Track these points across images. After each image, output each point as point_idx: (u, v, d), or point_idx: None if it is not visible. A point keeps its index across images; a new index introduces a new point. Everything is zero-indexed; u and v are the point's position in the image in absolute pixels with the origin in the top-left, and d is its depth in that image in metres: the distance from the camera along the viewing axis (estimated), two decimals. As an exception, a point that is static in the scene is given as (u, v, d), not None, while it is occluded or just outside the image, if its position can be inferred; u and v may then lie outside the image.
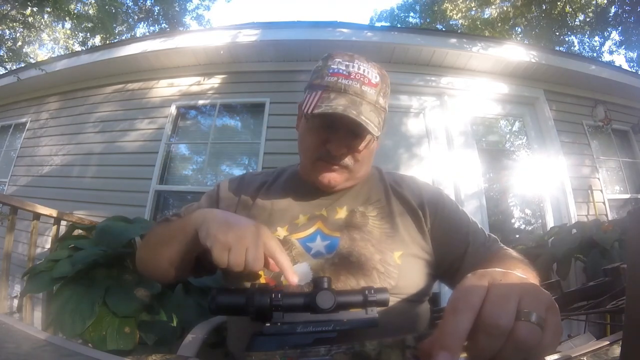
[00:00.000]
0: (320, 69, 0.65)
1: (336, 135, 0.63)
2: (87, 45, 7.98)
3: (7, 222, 2.02)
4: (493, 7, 8.64)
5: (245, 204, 0.70)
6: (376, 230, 0.64)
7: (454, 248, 0.64)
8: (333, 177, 0.65)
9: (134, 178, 3.07)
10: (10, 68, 5.55)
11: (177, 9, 8.92)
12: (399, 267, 0.60)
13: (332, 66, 0.62)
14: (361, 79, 0.61)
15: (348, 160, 0.65)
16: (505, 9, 8.39)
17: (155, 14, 9.02)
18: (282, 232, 0.64)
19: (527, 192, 3.33)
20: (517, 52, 3.11)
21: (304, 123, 0.68)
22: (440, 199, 0.70)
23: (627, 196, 3.41)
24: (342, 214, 0.66)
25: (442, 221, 0.67)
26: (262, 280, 0.61)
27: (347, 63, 0.62)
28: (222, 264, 0.47)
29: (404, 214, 0.67)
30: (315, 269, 0.59)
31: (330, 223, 0.65)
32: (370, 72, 0.63)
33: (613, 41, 8.26)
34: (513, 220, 3.54)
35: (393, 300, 0.55)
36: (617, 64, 9.11)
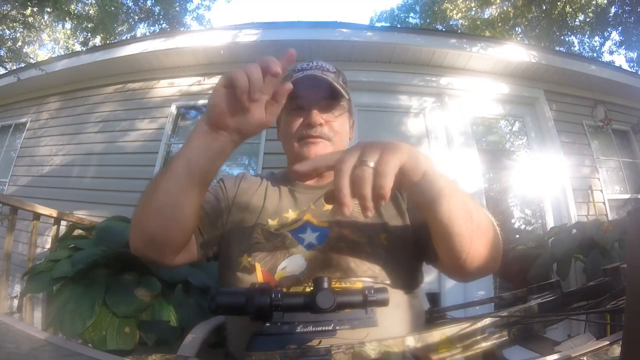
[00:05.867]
0: (287, 75, 0.76)
1: (310, 109, 0.71)
2: (88, 46, 7.98)
3: (7, 222, 2.02)
4: (493, 7, 8.64)
5: (241, 199, 0.74)
6: (362, 216, 0.66)
7: (426, 226, 0.66)
8: (317, 150, 0.71)
9: (134, 178, 3.07)
10: (10, 68, 5.55)
11: (177, 9, 8.91)
12: (385, 248, 0.63)
13: (296, 69, 0.75)
14: (320, 68, 0.73)
15: (327, 131, 0.71)
16: (505, 9, 8.39)
17: (156, 14, 9.01)
18: (272, 224, 0.68)
19: (527, 192, 3.33)
20: (517, 52, 3.11)
21: (282, 115, 0.77)
22: None
23: (627, 196, 3.41)
24: (328, 206, 0.70)
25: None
26: (261, 280, 0.61)
27: (308, 63, 0.75)
28: (244, 82, 0.47)
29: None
30: (309, 259, 0.62)
31: (318, 215, 0.69)
32: (327, 65, 0.75)
33: (613, 41, 8.27)
34: (513, 220, 3.54)
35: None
36: (617, 64, 9.10)
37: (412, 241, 0.67)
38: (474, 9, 9.19)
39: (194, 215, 0.58)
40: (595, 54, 8.58)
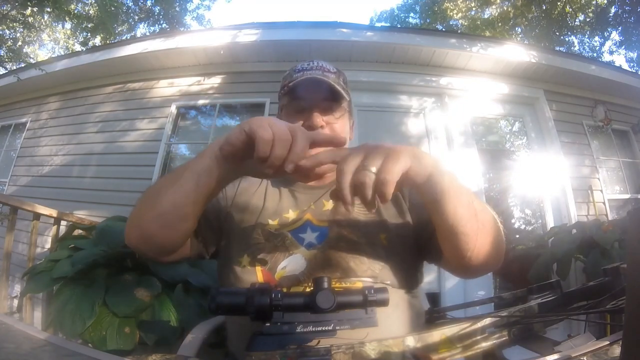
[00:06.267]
0: (288, 74, 0.77)
1: (311, 111, 0.71)
2: (88, 46, 7.98)
3: (7, 222, 2.02)
4: (493, 7, 8.64)
5: (240, 199, 0.74)
6: (361, 216, 0.68)
7: (429, 225, 0.64)
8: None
9: (134, 178, 3.07)
10: (10, 68, 5.55)
11: (177, 9, 8.90)
12: (385, 248, 0.63)
13: (296, 69, 0.75)
14: (321, 69, 0.74)
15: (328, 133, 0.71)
16: (505, 9, 8.39)
17: (156, 14, 9.01)
18: (273, 225, 0.68)
19: (527, 192, 3.33)
20: (517, 52, 3.11)
21: (282, 117, 0.76)
22: None
23: (627, 196, 3.41)
24: (328, 205, 0.71)
25: (417, 201, 0.70)
26: (261, 280, 0.61)
27: (308, 63, 0.76)
28: (264, 153, 0.43)
29: None
30: (309, 259, 0.62)
31: (318, 215, 0.69)
32: (328, 65, 0.76)
33: (613, 41, 8.26)
34: (513, 221, 3.54)
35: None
36: (617, 64, 9.10)
37: (413, 240, 0.67)
38: (474, 9, 9.19)
39: (195, 222, 0.58)
40: (595, 54, 8.57)
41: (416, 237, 0.67)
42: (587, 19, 7.79)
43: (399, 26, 9.25)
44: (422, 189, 0.46)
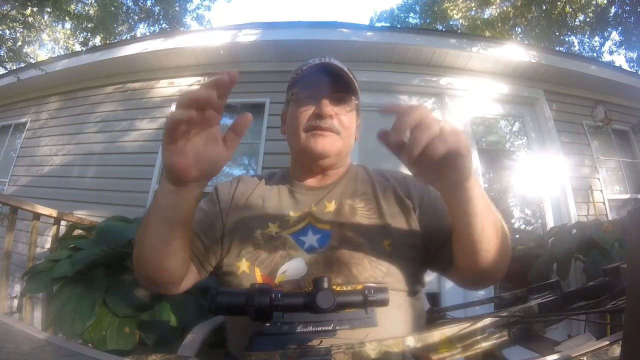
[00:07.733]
0: (298, 69, 0.75)
1: (322, 99, 0.68)
2: (88, 46, 7.97)
3: (7, 222, 2.02)
4: (493, 7, 8.64)
5: (238, 202, 0.72)
6: (365, 221, 0.66)
7: (440, 233, 0.65)
8: (325, 143, 0.68)
9: (134, 178, 3.06)
10: (10, 68, 5.55)
11: (177, 9, 8.91)
12: (388, 254, 0.62)
13: (307, 62, 0.72)
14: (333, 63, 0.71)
15: (337, 124, 0.69)
16: (505, 9, 8.39)
17: (156, 14, 9.01)
18: (273, 228, 0.66)
19: (527, 192, 3.33)
20: (517, 52, 3.11)
21: (290, 106, 0.75)
22: (425, 187, 0.72)
23: (627, 196, 3.41)
24: (330, 207, 0.69)
25: (428, 208, 0.68)
26: (260, 280, 0.61)
27: (320, 59, 0.72)
28: (188, 105, 0.45)
29: (391, 204, 0.69)
30: (310, 263, 0.61)
31: (320, 217, 0.67)
32: (340, 64, 0.72)
33: (613, 41, 8.26)
34: (513, 221, 3.54)
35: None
36: (617, 64, 9.09)
37: (419, 248, 0.65)
38: (473, 9, 9.19)
39: (185, 252, 0.60)
40: (595, 54, 8.57)
41: (425, 246, 0.65)
42: (587, 19, 7.79)
43: (399, 26, 9.25)
44: (456, 194, 0.48)
